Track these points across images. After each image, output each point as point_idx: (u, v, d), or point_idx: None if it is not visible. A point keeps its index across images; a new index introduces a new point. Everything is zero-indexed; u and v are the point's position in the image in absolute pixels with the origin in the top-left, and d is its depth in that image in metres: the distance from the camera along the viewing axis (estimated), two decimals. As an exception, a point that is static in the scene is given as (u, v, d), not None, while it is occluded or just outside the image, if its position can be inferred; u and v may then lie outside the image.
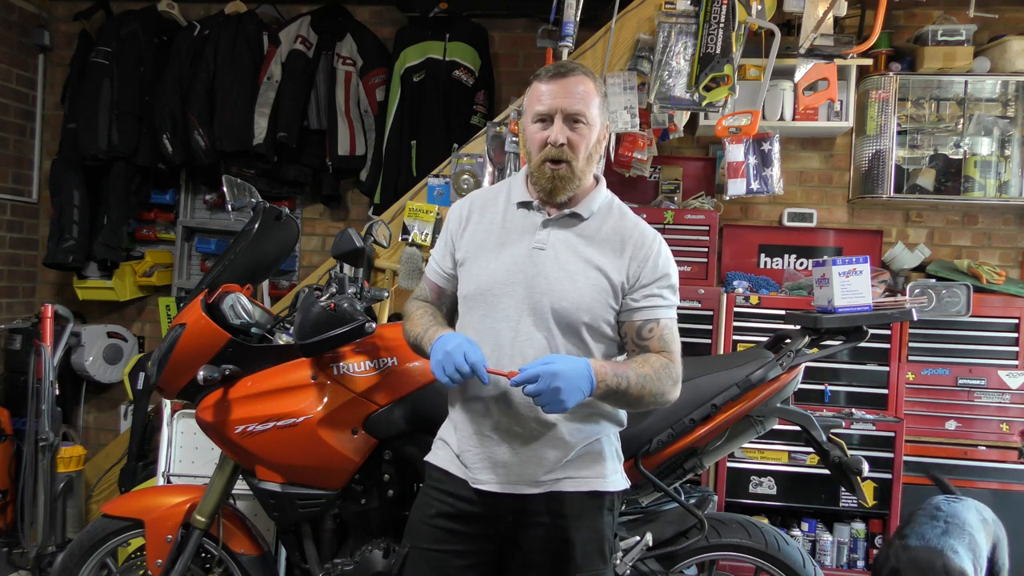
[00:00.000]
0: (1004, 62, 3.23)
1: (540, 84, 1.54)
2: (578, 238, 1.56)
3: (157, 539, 2.08)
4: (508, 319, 1.52)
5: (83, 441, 3.91)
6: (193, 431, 2.56)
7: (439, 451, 1.64)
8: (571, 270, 1.53)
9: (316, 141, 3.78)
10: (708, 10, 2.72)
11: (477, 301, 1.56)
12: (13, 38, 3.93)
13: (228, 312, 2.04)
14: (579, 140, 1.52)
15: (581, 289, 1.52)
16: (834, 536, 3.02)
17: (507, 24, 3.85)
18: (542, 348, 1.50)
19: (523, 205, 1.60)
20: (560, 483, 1.53)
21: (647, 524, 2.04)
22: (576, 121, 1.51)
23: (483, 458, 1.54)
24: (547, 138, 1.51)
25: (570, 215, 1.57)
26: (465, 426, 1.57)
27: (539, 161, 1.53)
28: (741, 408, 1.95)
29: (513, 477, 1.52)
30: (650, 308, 1.55)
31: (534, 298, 1.51)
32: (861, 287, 2.00)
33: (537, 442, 1.52)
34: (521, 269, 1.53)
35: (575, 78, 1.52)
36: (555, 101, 1.51)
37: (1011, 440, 2.99)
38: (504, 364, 1.50)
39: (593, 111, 1.54)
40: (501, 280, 1.53)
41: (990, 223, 3.52)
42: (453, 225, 1.66)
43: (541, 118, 1.53)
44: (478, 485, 1.54)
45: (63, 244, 3.71)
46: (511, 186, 1.66)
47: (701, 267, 3.17)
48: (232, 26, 3.71)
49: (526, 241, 1.56)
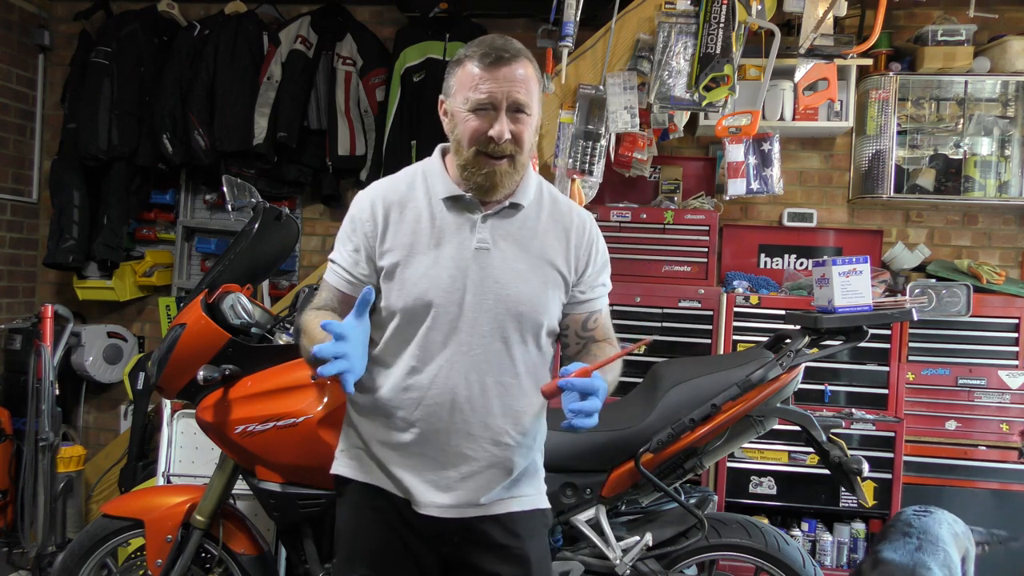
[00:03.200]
0: (1004, 62, 3.23)
1: (475, 69, 1.34)
2: (521, 231, 1.43)
3: (157, 539, 2.08)
4: (458, 331, 1.37)
5: (83, 441, 3.91)
6: (193, 431, 2.56)
7: (360, 466, 1.48)
8: (522, 268, 1.40)
9: (316, 141, 3.78)
10: (708, 10, 2.72)
11: (417, 312, 1.38)
12: (13, 38, 3.93)
13: (228, 312, 2.04)
14: (523, 131, 1.36)
15: (536, 289, 1.41)
16: (834, 536, 3.02)
17: (507, 24, 3.85)
18: (498, 359, 1.39)
19: (451, 199, 1.42)
20: (509, 503, 1.45)
21: (647, 524, 2.05)
22: (519, 111, 1.35)
23: (426, 482, 1.41)
24: (488, 131, 1.34)
25: (510, 207, 1.43)
26: (398, 446, 1.42)
27: (472, 155, 1.36)
28: (741, 408, 1.94)
29: (460, 500, 1.41)
30: (595, 300, 1.50)
31: (486, 304, 1.37)
32: (861, 287, 2.00)
33: (488, 465, 1.41)
34: (466, 273, 1.38)
35: (519, 64, 1.35)
36: (499, 89, 1.33)
37: (1011, 440, 2.99)
38: (456, 381, 1.37)
39: (535, 100, 1.38)
40: (445, 287, 1.37)
41: (990, 223, 3.51)
42: (366, 226, 1.43)
43: (480, 106, 1.34)
44: (422, 510, 1.41)
45: (63, 244, 3.71)
46: (427, 178, 1.45)
47: (701, 267, 3.17)
48: (232, 26, 3.71)
49: (465, 240, 1.39)
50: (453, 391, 1.38)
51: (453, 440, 1.39)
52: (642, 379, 2.20)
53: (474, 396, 1.38)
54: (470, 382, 1.38)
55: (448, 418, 1.38)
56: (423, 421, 1.39)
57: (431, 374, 1.38)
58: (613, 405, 2.12)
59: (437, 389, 1.38)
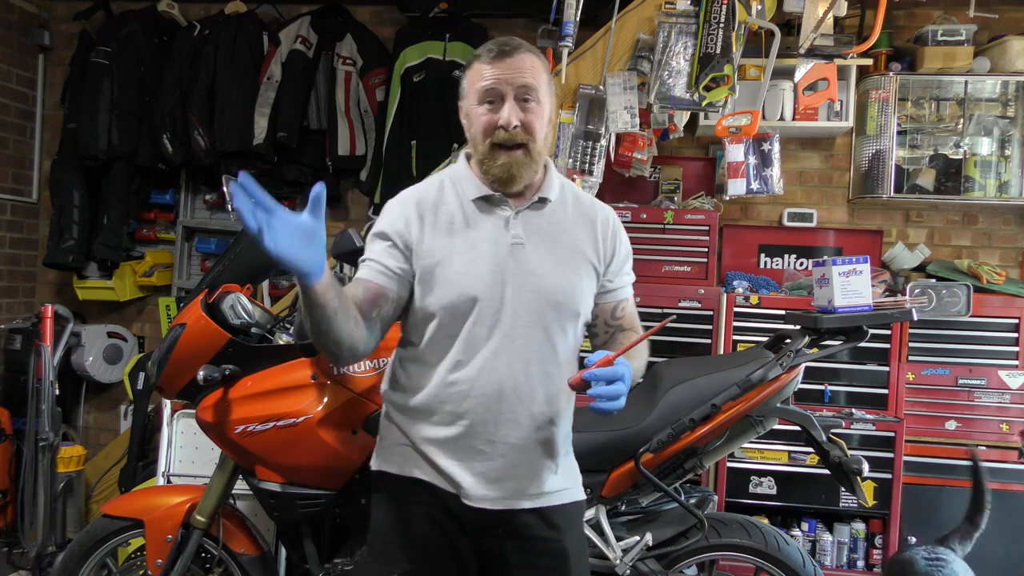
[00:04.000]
0: (1004, 62, 3.23)
1: (482, 64, 1.41)
2: (551, 225, 1.47)
3: (157, 539, 2.08)
4: (500, 324, 1.40)
5: (83, 441, 3.91)
6: (193, 431, 2.56)
7: (404, 461, 1.49)
8: (556, 260, 1.45)
9: (316, 141, 3.78)
10: (708, 10, 2.72)
11: (460, 309, 1.40)
12: (13, 38, 3.93)
13: (228, 312, 2.04)
14: (533, 119, 1.40)
15: (571, 279, 1.45)
16: (834, 536, 3.02)
17: (507, 24, 3.85)
18: (541, 349, 1.43)
19: (481, 199, 1.46)
20: (551, 496, 1.48)
21: (647, 524, 2.05)
22: (527, 99, 1.39)
23: (476, 474, 1.42)
24: (497, 121, 1.38)
25: (538, 201, 1.47)
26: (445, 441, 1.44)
27: (488, 148, 1.41)
28: (741, 408, 1.94)
29: (510, 492, 1.43)
30: (622, 288, 1.55)
31: (526, 297, 1.41)
32: (861, 287, 2.00)
33: (535, 454, 1.44)
34: (504, 268, 1.41)
35: (521, 55, 1.40)
36: (502, 77, 1.38)
37: (1011, 440, 2.99)
38: (502, 371, 1.40)
39: (543, 88, 1.42)
40: (486, 282, 1.40)
41: (990, 223, 3.51)
42: (399, 226, 1.45)
43: (489, 99, 1.40)
44: (473, 503, 1.42)
45: (63, 244, 3.71)
46: (455, 182, 1.50)
47: (701, 267, 3.17)
48: (232, 26, 3.71)
49: (500, 237, 1.43)
50: (500, 381, 1.41)
51: (501, 430, 1.42)
52: (642, 379, 2.19)
53: (519, 385, 1.41)
54: (515, 371, 1.41)
55: (496, 408, 1.41)
56: (471, 413, 1.41)
57: (477, 366, 1.41)
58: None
59: (484, 380, 1.41)
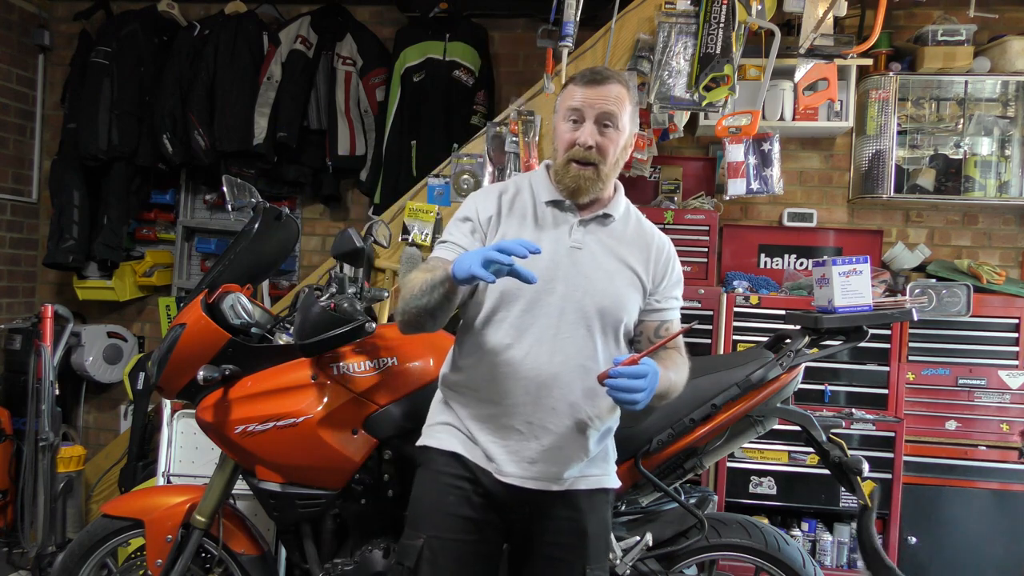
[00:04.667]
0: (1004, 62, 3.23)
1: (576, 87, 1.57)
2: (610, 238, 1.61)
3: (157, 539, 2.08)
4: (548, 315, 1.54)
5: (83, 441, 3.91)
6: (193, 431, 2.56)
7: (448, 437, 1.61)
8: (609, 270, 1.58)
9: (316, 141, 3.78)
10: (708, 10, 2.72)
11: (516, 296, 1.54)
12: (13, 38, 3.93)
13: (228, 312, 2.04)
14: (608, 144, 1.55)
15: (620, 288, 1.58)
16: (834, 536, 3.01)
17: (507, 24, 3.85)
18: (582, 345, 1.54)
19: (553, 204, 1.62)
20: (578, 482, 1.59)
21: (647, 524, 2.04)
22: (607, 125, 1.54)
23: (511, 452, 1.55)
24: (576, 138, 1.54)
25: (603, 215, 1.62)
26: (488, 417, 1.57)
27: (565, 160, 1.57)
28: (741, 408, 1.94)
29: (540, 473, 1.55)
30: (669, 310, 1.66)
31: (575, 296, 1.54)
32: (861, 287, 2.00)
33: (568, 442, 1.55)
34: (560, 267, 1.55)
35: (611, 84, 1.55)
36: (588, 101, 1.54)
37: (1011, 440, 2.99)
38: (542, 360, 1.52)
39: (625, 117, 1.57)
40: (541, 276, 1.51)
41: (990, 223, 3.51)
42: (481, 215, 1.61)
43: (573, 117, 1.55)
44: (504, 478, 1.55)
45: (63, 244, 3.71)
46: (532, 184, 1.66)
47: (701, 267, 3.17)
48: (232, 26, 3.71)
49: (562, 239, 1.58)
50: (542, 368, 1.53)
51: (538, 413, 1.54)
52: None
53: (560, 375, 1.53)
54: (556, 362, 1.53)
55: (536, 392, 1.53)
56: (513, 394, 1.54)
57: (523, 351, 1.53)
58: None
59: (528, 365, 1.53)
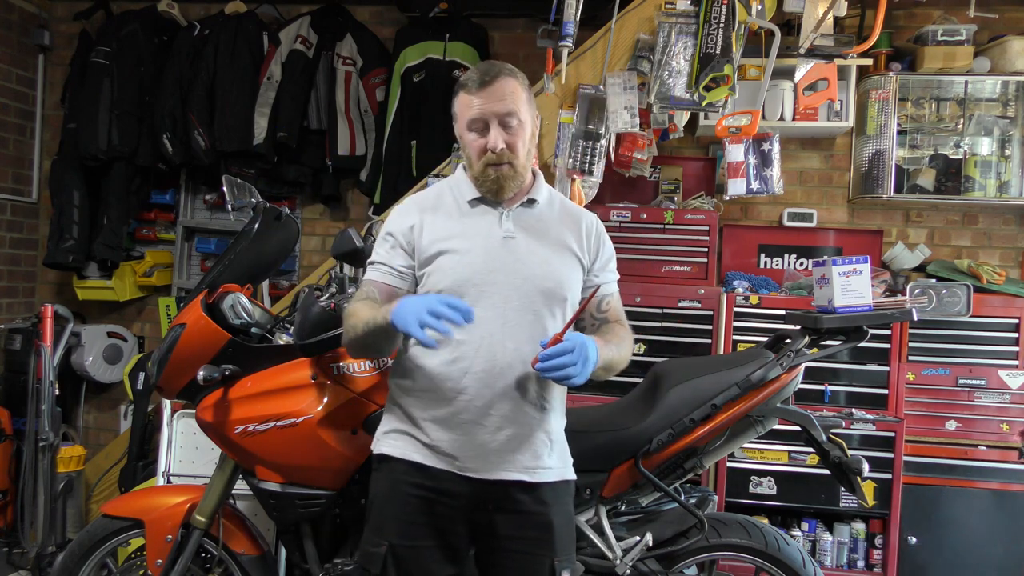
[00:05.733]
0: (1004, 62, 3.23)
1: (468, 95, 1.60)
2: (539, 223, 1.66)
3: (157, 539, 2.08)
4: (494, 306, 1.56)
5: (83, 441, 3.91)
6: (193, 431, 2.56)
7: (404, 444, 1.61)
8: (544, 253, 1.62)
9: (316, 141, 3.78)
10: (708, 10, 2.72)
11: (460, 294, 1.55)
12: (13, 38, 3.93)
13: (228, 312, 2.04)
14: (516, 140, 1.60)
15: (558, 268, 1.63)
16: (834, 536, 3.01)
17: (507, 24, 3.85)
18: (532, 330, 1.57)
19: (477, 201, 1.66)
20: (542, 473, 1.60)
21: (647, 524, 2.04)
22: (510, 123, 1.58)
23: (475, 446, 1.56)
24: (485, 145, 1.58)
25: (527, 202, 1.66)
26: (447, 416, 1.56)
27: (481, 167, 1.61)
28: (741, 408, 1.94)
29: (502, 463, 1.56)
30: (607, 284, 1.72)
31: (516, 283, 1.58)
32: (861, 287, 1.99)
33: (531, 428, 1.58)
34: (497, 257, 1.59)
35: (501, 81, 1.58)
36: (486, 107, 1.57)
37: (1011, 440, 2.99)
38: (497, 349, 1.55)
39: (523, 108, 1.61)
40: (480, 270, 1.57)
41: (990, 223, 3.51)
42: (402, 227, 1.65)
43: (476, 127, 1.59)
44: (469, 474, 1.56)
45: (63, 244, 3.71)
46: (453, 187, 1.70)
47: (701, 267, 3.17)
48: (232, 26, 3.71)
49: (494, 230, 1.62)
50: (496, 359, 1.55)
51: (497, 404, 1.56)
52: (642, 379, 2.20)
53: (514, 363, 1.55)
54: (508, 350, 1.55)
55: (492, 383, 1.55)
56: (470, 388, 1.55)
57: (475, 345, 1.55)
58: (613, 405, 2.13)
59: (482, 357, 1.55)
